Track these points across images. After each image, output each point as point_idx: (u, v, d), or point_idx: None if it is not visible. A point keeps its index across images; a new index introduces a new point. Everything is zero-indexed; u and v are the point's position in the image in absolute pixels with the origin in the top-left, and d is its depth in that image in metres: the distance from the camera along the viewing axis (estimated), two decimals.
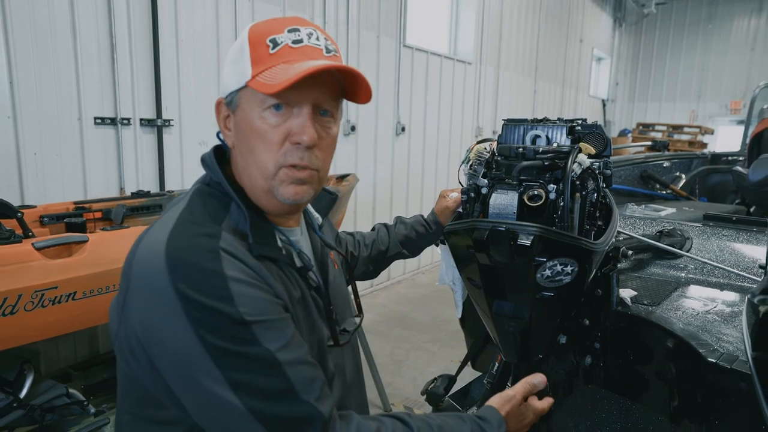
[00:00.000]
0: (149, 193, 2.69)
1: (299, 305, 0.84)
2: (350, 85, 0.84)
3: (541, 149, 1.17)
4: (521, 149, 1.19)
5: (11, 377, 1.82)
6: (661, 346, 1.32)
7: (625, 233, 1.81)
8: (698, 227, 1.90)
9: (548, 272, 1.07)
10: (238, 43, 0.83)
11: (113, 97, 2.91)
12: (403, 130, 5.31)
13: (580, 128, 1.23)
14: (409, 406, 3.07)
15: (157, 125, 3.13)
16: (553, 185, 1.11)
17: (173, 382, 0.73)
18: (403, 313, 4.62)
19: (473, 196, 1.22)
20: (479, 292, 1.20)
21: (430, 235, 1.43)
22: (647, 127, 10.41)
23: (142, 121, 3.06)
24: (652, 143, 4.10)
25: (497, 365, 1.42)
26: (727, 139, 10.49)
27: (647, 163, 3.09)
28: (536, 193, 1.12)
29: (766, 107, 3.31)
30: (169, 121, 3.19)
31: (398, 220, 1.46)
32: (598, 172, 1.19)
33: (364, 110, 4.77)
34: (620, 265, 1.61)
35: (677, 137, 9.69)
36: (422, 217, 1.46)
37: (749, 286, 1.57)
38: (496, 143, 1.28)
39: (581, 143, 1.19)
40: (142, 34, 3.02)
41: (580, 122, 1.25)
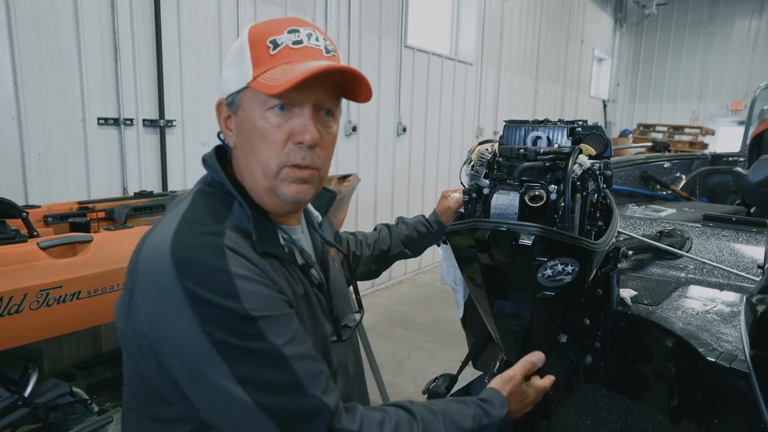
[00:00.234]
0: (152, 193, 2.69)
1: (302, 302, 0.85)
2: (350, 84, 0.85)
3: (542, 150, 1.18)
4: (522, 150, 1.20)
5: (16, 376, 1.82)
6: (660, 345, 1.32)
7: (625, 233, 1.82)
8: (698, 228, 1.91)
9: (549, 272, 1.08)
10: (237, 44, 0.84)
11: (116, 97, 2.92)
12: (404, 130, 5.32)
13: (580, 129, 1.24)
14: None
15: (159, 126, 3.14)
16: (554, 186, 1.12)
17: (181, 378, 0.74)
18: (404, 313, 4.62)
19: (475, 196, 1.23)
20: (481, 291, 1.21)
21: (431, 235, 1.44)
22: (648, 127, 10.41)
23: (145, 121, 3.08)
24: (652, 144, 4.10)
25: (498, 364, 1.43)
26: (728, 139, 10.47)
27: (648, 163, 3.09)
28: (537, 193, 1.13)
29: (766, 108, 3.30)
30: (171, 121, 3.21)
31: (400, 220, 1.46)
32: (598, 172, 1.19)
33: (365, 111, 4.78)
34: (620, 265, 1.62)
35: (678, 138, 9.70)
36: (424, 217, 1.46)
37: (748, 286, 1.57)
38: (497, 144, 1.29)
39: (582, 144, 1.20)
40: (145, 35, 3.03)
41: (580, 123, 1.26)
